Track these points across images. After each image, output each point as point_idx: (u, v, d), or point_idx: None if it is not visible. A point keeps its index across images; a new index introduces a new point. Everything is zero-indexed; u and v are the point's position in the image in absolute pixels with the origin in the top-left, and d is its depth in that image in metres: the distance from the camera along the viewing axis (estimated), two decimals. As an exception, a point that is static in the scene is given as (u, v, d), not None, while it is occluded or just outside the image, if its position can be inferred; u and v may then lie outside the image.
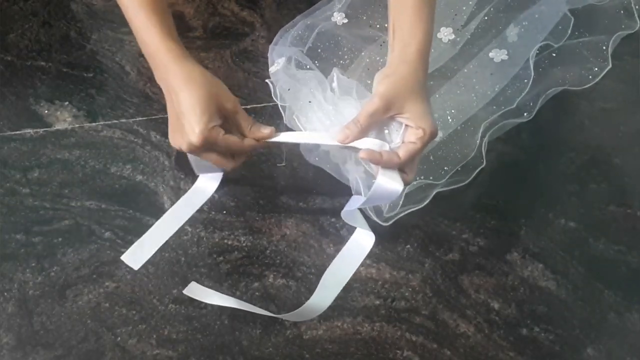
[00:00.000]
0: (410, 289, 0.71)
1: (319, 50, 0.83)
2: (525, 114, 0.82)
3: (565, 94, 0.87)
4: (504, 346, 0.68)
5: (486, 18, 0.87)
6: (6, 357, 0.65)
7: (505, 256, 0.74)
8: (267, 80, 0.80)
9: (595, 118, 0.86)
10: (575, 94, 0.87)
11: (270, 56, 0.82)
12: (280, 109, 0.77)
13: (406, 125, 0.61)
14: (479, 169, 0.77)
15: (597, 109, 0.88)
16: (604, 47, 0.87)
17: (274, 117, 0.84)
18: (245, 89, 0.87)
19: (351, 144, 0.61)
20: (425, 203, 0.74)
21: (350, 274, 0.71)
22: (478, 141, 0.77)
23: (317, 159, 0.77)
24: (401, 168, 0.61)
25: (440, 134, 0.78)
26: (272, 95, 0.78)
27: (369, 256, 0.73)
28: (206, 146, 0.60)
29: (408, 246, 0.74)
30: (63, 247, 0.73)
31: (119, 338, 0.67)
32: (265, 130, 0.63)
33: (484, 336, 0.69)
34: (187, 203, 0.76)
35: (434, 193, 0.74)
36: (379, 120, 0.61)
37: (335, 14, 0.86)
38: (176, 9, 0.95)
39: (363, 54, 0.82)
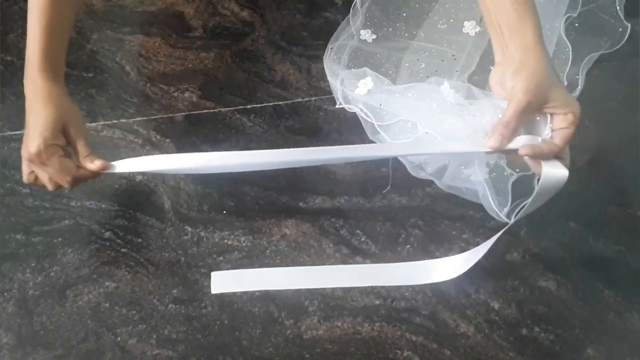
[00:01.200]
0: (410, 289, 0.71)
1: (364, 64, 0.82)
2: (578, 87, 0.81)
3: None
4: (504, 346, 0.68)
5: None
6: (6, 357, 0.65)
7: (505, 256, 0.74)
8: (340, 106, 0.76)
9: (595, 118, 0.86)
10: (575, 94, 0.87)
11: (346, 82, 0.78)
12: (379, 128, 0.73)
13: (551, 115, 0.60)
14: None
15: (597, 109, 0.87)
16: (617, 7, 0.87)
17: (273, 117, 0.84)
18: (245, 89, 0.87)
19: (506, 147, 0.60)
20: (530, 199, 0.71)
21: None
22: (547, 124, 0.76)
23: (425, 172, 0.75)
24: (557, 155, 0.60)
25: None
26: (364, 117, 0.74)
27: (368, 256, 0.73)
28: (41, 160, 0.62)
29: (408, 246, 0.74)
30: (63, 247, 0.73)
31: (119, 338, 0.67)
32: (98, 162, 0.64)
33: (484, 336, 0.69)
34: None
35: (536, 178, 0.70)
36: (527, 118, 0.59)
37: (362, 31, 0.86)
38: (176, 9, 0.95)
39: (406, 64, 0.81)
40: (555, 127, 0.59)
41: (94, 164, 0.64)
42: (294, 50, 0.89)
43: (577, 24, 0.86)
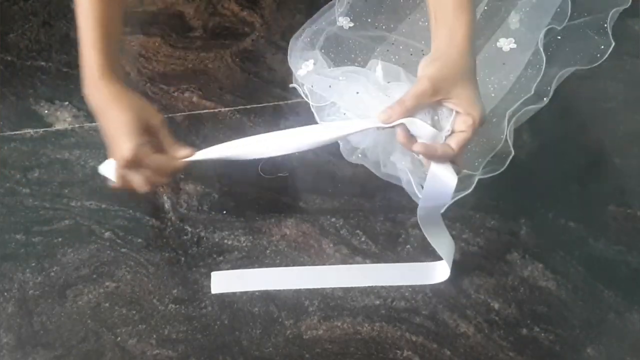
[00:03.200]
0: (410, 289, 0.71)
1: (331, 55, 0.83)
2: (545, 98, 0.81)
3: (565, 94, 0.87)
4: (504, 346, 0.68)
5: (486, 8, 0.87)
6: (6, 357, 0.65)
7: (505, 256, 0.74)
8: (292, 85, 0.79)
9: (595, 118, 0.86)
10: (575, 94, 0.87)
11: (294, 62, 0.81)
12: (314, 110, 0.75)
13: (456, 112, 0.59)
14: (511, 156, 0.76)
15: (597, 109, 0.88)
16: (605, 25, 0.87)
17: (274, 117, 0.84)
18: (245, 89, 0.87)
19: (402, 125, 0.59)
20: (471, 189, 0.72)
21: None
22: (505, 131, 0.76)
23: (359, 156, 0.76)
24: (452, 160, 0.60)
25: None
26: (304, 97, 0.77)
27: (368, 256, 0.73)
28: (137, 163, 0.62)
29: (408, 246, 0.74)
30: (63, 247, 0.73)
31: (119, 338, 0.67)
32: (185, 151, 0.64)
33: (484, 336, 0.69)
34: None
35: (476, 180, 0.72)
36: (425, 104, 0.59)
37: (340, 18, 0.87)
38: (176, 9, 0.95)
39: (375, 53, 0.82)
40: (455, 129, 0.59)
41: (182, 152, 0.64)
42: (294, 50, 0.89)
43: (559, 37, 0.86)
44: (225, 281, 0.71)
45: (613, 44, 0.85)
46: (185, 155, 0.64)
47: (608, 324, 0.70)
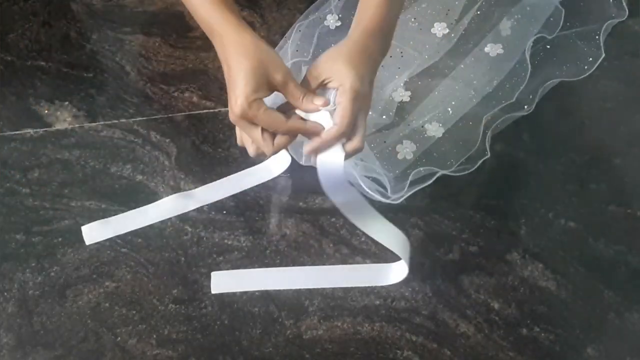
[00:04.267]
0: (410, 289, 0.71)
1: (322, 50, 0.83)
2: (525, 106, 0.82)
3: (565, 94, 0.87)
4: (504, 346, 0.68)
5: (479, 13, 0.88)
6: (6, 357, 0.65)
7: (505, 256, 0.74)
8: None
9: (595, 118, 0.86)
10: (575, 94, 0.87)
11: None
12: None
13: (335, 89, 0.59)
14: (484, 158, 0.77)
15: (597, 109, 0.87)
16: (597, 37, 0.87)
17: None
18: (245, 89, 0.87)
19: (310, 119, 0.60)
20: (429, 182, 0.73)
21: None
22: (480, 135, 0.77)
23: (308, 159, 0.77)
24: (343, 135, 0.59)
25: (442, 130, 0.79)
26: None
27: (368, 256, 0.73)
28: (247, 118, 0.58)
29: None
30: (63, 247, 0.73)
31: (119, 338, 0.67)
32: (319, 101, 0.59)
33: (484, 336, 0.69)
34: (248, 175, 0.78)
35: (438, 174, 0.74)
36: (314, 88, 0.60)
37: (328, 16, 0.87)
38: (176, 9, 0.95)
39: None
40: (337, 102, 0.59)
41: (318, 101, 0.59)
42: (294, 50, 0.89)
43: (548, 46, 0.87)
44: (225, 281, 0.71)
45: (603, 55, 0.85)
46: (324, 102, 0.59)
47: (608, 324, 0.70)
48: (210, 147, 0.82)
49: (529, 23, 0.85)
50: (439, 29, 0.86)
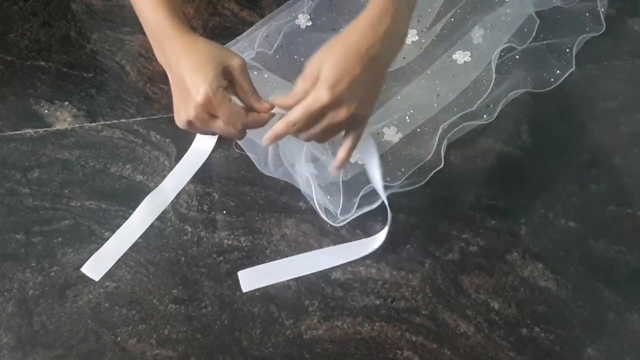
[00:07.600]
0: (410, 289, 0.71)
1: (292, 47, 0.83)
2: (485, 115, 0.82)
3: (565, 94, 0.87)
4: (504, 346, 0.68)
5: (452, 20, 0.87)
6: (6, 357, 0.65)
7: (505, 256, 0.74)
8: None
9: (595, 118, 0.86)
10: (575, 93, 0.87)
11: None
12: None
13: None
14: (436, 169, 0.77)
15: (597, 109, 0.87)
16: (567, 50, 0.87)
17: (274, 117, 0.84)
18: (245, 89, 0.87)
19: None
20: (376, 205, 0.73)
21: None
22: (436, 143, 0.77)
23: (272, 167, 0.77)
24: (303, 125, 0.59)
25: (399, 135, 0.79)
26: None
27: (369, 256, 0.73)
28: (210, 107, 0.57)
29: (408, 246, 0.74)
30: (63, 247, 0.73)
31: (119, 338, 0.67)
32: (262, 105, 0.60)
33: (484, 336, 0.69)
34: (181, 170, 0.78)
35: (387, 194, 0.72)
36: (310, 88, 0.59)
37: (300, 15, 0.87)
38: (176, 9, 0.95)
39: None
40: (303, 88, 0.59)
41: (261, 104, 0.59)
42: (294, 50, 0.89)
43: (517, 57, 0.86)
44: (253, 278, 0.71)
45: (573, 68, 0.85)
46: (267, 108, 0.60)
47: (608, 324, 0.70)
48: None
49: (501, 32, 0.85)
50: (409, 35, 0.85)
